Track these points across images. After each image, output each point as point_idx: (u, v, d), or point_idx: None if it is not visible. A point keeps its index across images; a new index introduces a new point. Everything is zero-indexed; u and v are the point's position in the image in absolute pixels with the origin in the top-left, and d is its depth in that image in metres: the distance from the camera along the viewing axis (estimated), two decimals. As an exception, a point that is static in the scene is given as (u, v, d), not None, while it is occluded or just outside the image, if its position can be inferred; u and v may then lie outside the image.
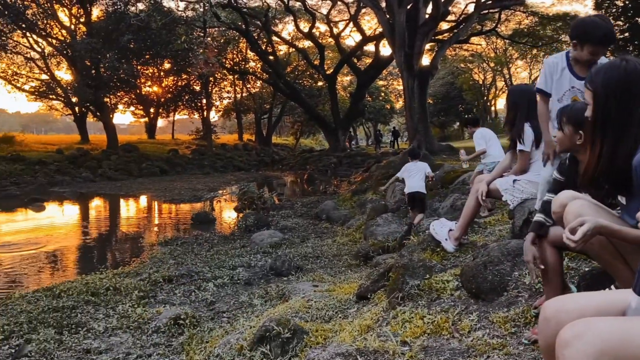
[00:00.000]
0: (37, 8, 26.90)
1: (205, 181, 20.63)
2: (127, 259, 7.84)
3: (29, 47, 31.02)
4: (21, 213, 12.88)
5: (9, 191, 16.49)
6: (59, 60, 31.51)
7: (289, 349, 3.23)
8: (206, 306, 5.20)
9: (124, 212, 14.19)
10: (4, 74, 33.03)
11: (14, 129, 46.38)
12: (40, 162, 20.89)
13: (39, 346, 4.04)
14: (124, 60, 26.20)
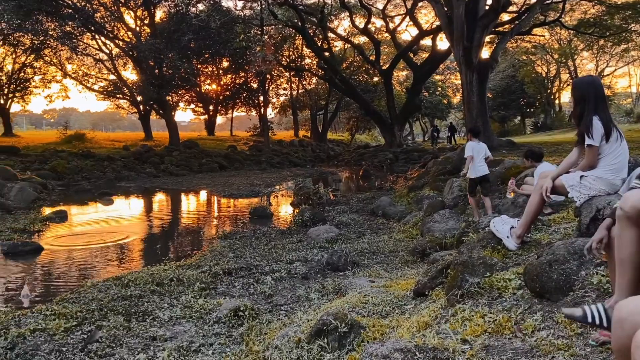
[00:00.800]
0: (104, 11, 28.20)
1: (262, 177, 20.99)
2: (189, 251, 8.10)
3: (98, 49, 32.62)
4: (92, 206, 13.57)
5: (80, 185, 17.42)
6: (125, 61, 32.92)
7: (346, 343, 3.25)
8: (264, 299, 5.31)
9: (185, 206, 14.66)
10: (75, 74, 34.94)
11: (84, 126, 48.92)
12: (109, 158, 21.91)
13: (109, 332, 4.26)
14: (184, 60, 27.02)
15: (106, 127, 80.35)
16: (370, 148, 34.89)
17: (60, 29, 27.94)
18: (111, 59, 32.90)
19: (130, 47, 26.90)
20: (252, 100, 39.65)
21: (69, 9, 25.55)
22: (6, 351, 3.81)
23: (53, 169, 18.52)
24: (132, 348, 3.98)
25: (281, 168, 26.45)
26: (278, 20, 29.67)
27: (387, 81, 31.64)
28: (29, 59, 33.30)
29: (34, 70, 34.74)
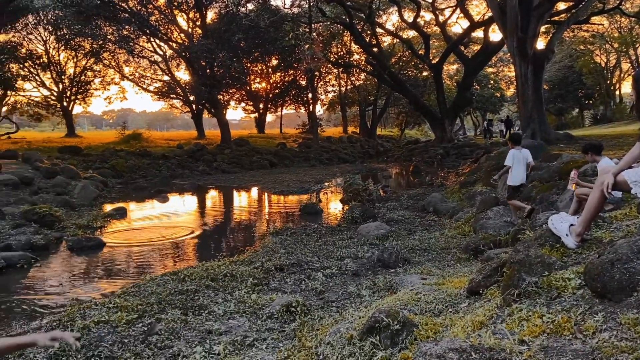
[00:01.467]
0: (159, 15, 29.11)
1: (311, 173, 21.11)
2: (241, 247, 8.27)
3: (153, 51, 33.74)
4: (149, 203, 14.07)
5: (138, 183, 18.10)
6: (179, 62, 33.90)
7: (398, 341, 3.23)
8: (316, 295, 5.35)
9: (237, 203, 14.95)
10: (132, 76, 36.29)
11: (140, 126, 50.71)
12: (164, 156, 22.64)
13: (167, 325, 4.41)
14: (235, 59, 27.53)
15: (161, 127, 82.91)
16: (420, 143, 34.42)
17: (118, 33, 29.07)
18: (165, 60, 33.96)
19: (183, 49, 27.64)
20: (301, 98, 39.94)
21: (126, 13, 26.53)
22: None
23: (113, 167, 19.32)
24: (189, 341, 4.11)
25: (330, 165, 26.51)
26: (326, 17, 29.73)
27: (437, 75, 31.08)
28: (89, 62, 34.85)
29: (94, 73, 36.34)
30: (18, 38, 31.20)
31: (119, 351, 3.91)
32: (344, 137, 37.76)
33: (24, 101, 34.81)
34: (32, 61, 32.57)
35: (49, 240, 8.58)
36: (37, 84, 34.38)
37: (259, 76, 38.70)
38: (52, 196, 12.70)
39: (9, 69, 29.72)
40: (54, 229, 9.49)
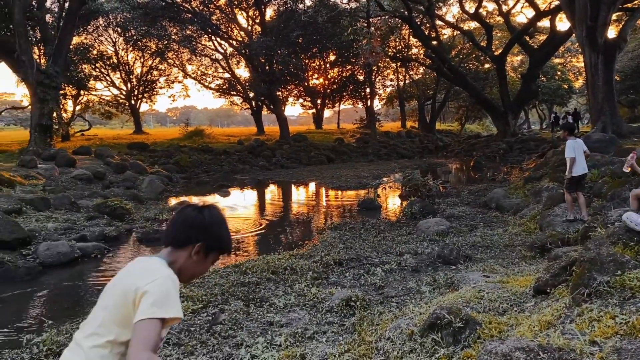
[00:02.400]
0: (220, 14, 29.86)
1: (369, 169, 21.04)
2: (300, 241, 8.38)
3: (214, 49, 34.67)
4: (211, 198, 14.48)
5: (200, 178, 18.68)
6: (239, 60, 34.63)
7: (460, 339, 3.19)
8: (375, 290, 5.34)
9: (296, 197, 15.13)
10: (194, 74, 37.44)
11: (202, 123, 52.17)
12: (225, 152, 23.23)
13: (230, 316, 4.55)
14: (293, 55, 27.82)
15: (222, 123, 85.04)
16: (482, 138, 33.48)
17: (181, 33, 30.08)
18: (226, 58, 34.80)
19: (243, 46, 28.22)
20: (358, 93, 39.81)
21: (189, 13, 27.38)
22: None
23: (177, 162, 20.02)
24: (251, 331, 4.22)
25: (388, 160, 26.30)
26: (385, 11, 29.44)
27: (500, 67, 30.09)
28: (155, 62, 36.24)
29: (159, 72, 37.78)
30: (90, 40, 32.90)
31: (185, 338, 4.08)
32: (402, 131, 37.33)
33: (96, 100, 36.67)
34: (103, 62, 34.25)
35: (119, 231, 9.03)
36: (108, 84, 36.14)
37: (317, 72, 38.91)
38: (122, 190, 13.35)
39: (82, 69, 31.39)
40: (124, 221, 9.97)
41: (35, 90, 17.50)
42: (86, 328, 1.63)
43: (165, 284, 1.58)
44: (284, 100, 36.97)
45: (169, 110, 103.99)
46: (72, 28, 20.06)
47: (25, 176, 12.44)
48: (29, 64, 17.39)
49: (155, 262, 1.68)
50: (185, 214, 1.77)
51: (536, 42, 33.31)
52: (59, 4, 25.28)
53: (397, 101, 44.83)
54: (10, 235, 7.20)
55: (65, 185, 12.80)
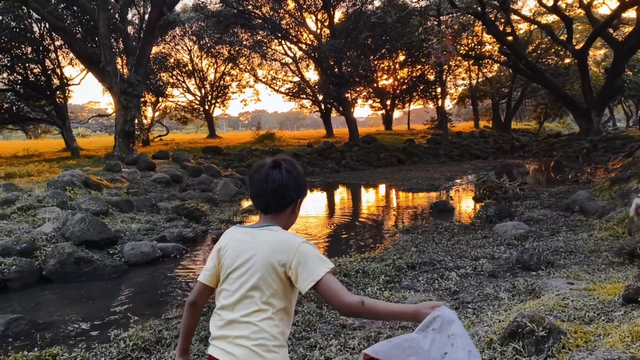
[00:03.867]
0: (289, 18, 30.38)
1: (441, 170, 20.59)
2: (372, 244, 8.32)
3: (284, 53, 35.33)
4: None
5: (272, 181, 19.04)
6: (308, 63, 35.09)
7: (544, 349, 3.05)
8: (449, 295, 5.20)
9: (366, 200, 15.07)
10: (265, 78, 38.32)
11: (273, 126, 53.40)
12: (295, 155, 23.49)
13: (303, 317, 4.58)
14: (362, 57, 27.78)
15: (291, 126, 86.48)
16: (562, 137, 31.80)
17: (252, 39, 30.89)
18: (295, 61, 35.35)
19: (312, 49, 28.53)
20: (429, 93, 39.10)
21: (259, 19, 28.08)
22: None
23: (249, 166, 20.53)
24: (325, 334, 4.23)
25: (461, 161, 25.62)
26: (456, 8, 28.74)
27: (582, 62, 28.47)
28: (227, 67, 37.46)
29: (231, 77, 39.03)
30: (167, 49, 34.59)
31: (259, 339, 4.13)
32: (475, 131, 36.24)
33: (173, 106, 38.45)
34: (179, 69, 35.87)
35: (196, 233, 9.37)
36: (183, 90, 37.80)
37: (386, 73, 38.61)
38: (197, 192, 13.87)
39: (160, 77, 33.02)
40: (201, 222, 10.34)
41: (119, 99, 18.57)
42: (242, 308, 1.75)
43: (306, 244, 1.76)
44: (353, 102, 36.97)
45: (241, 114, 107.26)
46: (151, 39, 21.13)
47: (111, 180, 13.22)
48: (113, 74, 18.48)
49: (276, 231, 1.81)
50: (275, 179, 1.83)
51: (621, 34, 31.26)
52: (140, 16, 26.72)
53: (470, 100, 43.59)
54: (99, 235, 7.67)
55: (146, 188, 13.48)
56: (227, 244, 1.85)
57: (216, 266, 1.87)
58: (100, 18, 18.24)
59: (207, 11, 28.06)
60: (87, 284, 6.67)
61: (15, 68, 23.45)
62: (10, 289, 6.43)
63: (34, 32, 23.27)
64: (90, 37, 22.62)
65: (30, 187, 10.80)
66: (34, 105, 24.56)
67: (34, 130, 42.00)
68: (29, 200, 9.22)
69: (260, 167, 1.88)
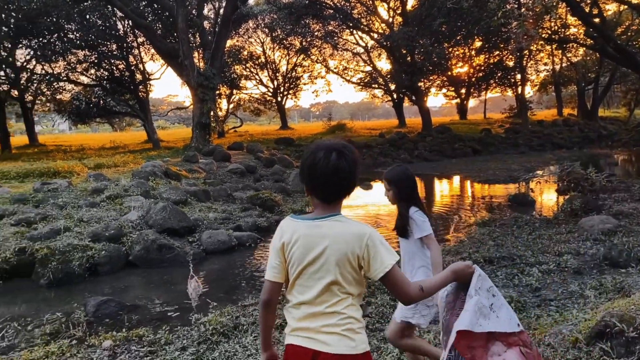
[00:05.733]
0: (361, 7, 30.14)
1: (520, 161, 19.73)
2: (446, 236, 8.12)
3: (355, 43, 35.14)
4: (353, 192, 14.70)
5: (343, 171, 19.01)
6: (380, 52, 34.71)
7: (634, 350, 2.89)
8: (531, 292, 4.98)
9: (439, 191, 14.74)
10: (336, 69, 38.33)
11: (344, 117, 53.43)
12: (366, 145, 23.41)
13: (377, 309, 4.56)
14: (436, 44, 27.04)
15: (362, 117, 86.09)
16: (656, 125, 29.49)
17: (324, 29, 30.94)
18: (367, 51, 35.07)
19: (384, 38, 28.15)
20: (507, 80, 37.46)
21: (331, 9, 28.06)
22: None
23: (321, 156, 20.68)
24: (398, 326, 4.17)
25: (542, 151, 24.42)
26: (538, -11, 27.26)
27: (680, 43, 26.21)
28: (299, 59, 37.82)
29: (303, 69, 39.36)
30: (241, 42, 35.39)
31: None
32: (558, 120, 34.40)
33: (246, 98, 39.40)
34: (252, 62, 36.63)
35: (270, 222, 9.57)
36: (257, 82, 38.61)
37: (461, 60, 37.38)
38: (271, 183, 14.15)
39: (234, 70, 33.90)
40: (274, 212, 10.54)
41: (196, 92, 19.25)
42: (324, 301, 1.81)
43: (375, 233, 1.83)
44: (426, 91, 36.17)
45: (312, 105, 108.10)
46: (226, 32, 21.70)
47: (189, 170, 13.77)
48: (191, 67, 19.19)
49: (343, 221, 1.85)
50: (344, 170, 1.82)
51: None
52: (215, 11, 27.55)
53: (552, 87, 41.35)
54: (179, 224, 8.02)
55: (222, 178, 13.92)
56: (292, 239, 1.84)
57: (282, 262, 1.88)
58: (178, 14, 18.96)
59: (279, 3, 28.43)
60: (169, 270, 7.00)
61: (102, 64, 25.00)
62: (100, 273, 6.87)
63: (118, 29, 24.62)
64: (169, 33, 23.62)
65: (117, 177, 11.46)
66: (119, 100, 26.06)
67: (119, 123, 44.57)
68: (116, 190, 9.79)
69: (321, 156, 1.82)
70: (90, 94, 27.05)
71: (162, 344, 4.19)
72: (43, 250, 6.67)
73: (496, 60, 36.04)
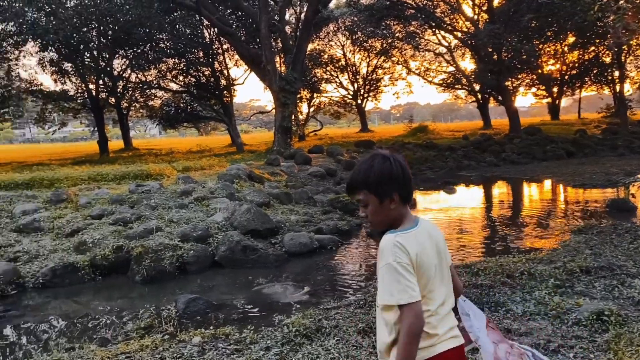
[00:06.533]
0: (444, 5, 29.42)
1: (619, 164, 18.29)
2: (537, 244, 7.71)
3: (437, 43, 34.36)
4: (436, 195, 14.35)
5: (425, 175, 18.62)
6: (464, 52, 33.69)
7: None
8: (633, 305, 4.58)
9: (529, 196, 14.03)
10: (417, 70, 37.70)
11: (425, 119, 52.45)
12: (449, 148, 22.76)
13: (463, 318, 4.37)
14: (524, 41, 25.81)
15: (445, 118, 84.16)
16: None
17: (405, 30, 30.53)
18: (450, 51, 34.18)
19: (469, 37, 27.29)
20: (604, 77, 35.02)
21: (412, 9, 27.62)
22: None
23: (402, 159, 20.36)
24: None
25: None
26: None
27: None
28: (380, 61, 37.60)
29: (383, 71, 39.09)
30: (321, 45, 35.78)
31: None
32: (663, 119, 31.64)
33: (326, 101, 39.73)
34: (333, 65, 36.89)
35: (351, 226, 9.55)
36: (337, 85, 38.83)
37: (552, 57, 35.46)
38: (352, 186, 14.09)
39: (315, 74, 34.31)
40: (355, 216, 10.49)
41: (278, 96, 19.68)
42: (450, 301, 1.90)
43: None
44: (513, 91, 34.64)
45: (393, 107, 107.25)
46: (307, 36, 22.02)
47: (271, 173, 14.06)
48: (273, 72, 19.64)
49: (429, 221, 1.94)
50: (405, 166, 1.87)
51: None
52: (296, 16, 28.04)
53: (655, 84, 38.11)
54: (262, 226, 8.20)
55: (303, 181, 14.09)
56: (416, 251, 1.76)
57: (417, 278, 1.76)
58: (261, 20, 19.49)
59: (359, 5, 28.39)
60: (253, 270, 7.16)
61: (189, 71, 26.29)
62: (188, 272, 7.17)
63: (204, 37, 25.76)
64: (252, 39, 24.36)
65: (204, 180, 11.92)
66: (205, 105, 27.26)
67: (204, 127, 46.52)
68: (203, 192, 10.19)
69: (390, 161, 1.83)
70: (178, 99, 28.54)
71: (247, 343, 4.27)
72: (138, 248, 7.07)
73: (591, 56, 33.83)
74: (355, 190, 1.87)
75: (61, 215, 9.00)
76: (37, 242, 7.92)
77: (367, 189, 1.81)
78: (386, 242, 1.76)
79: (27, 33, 20.64)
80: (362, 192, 1.84)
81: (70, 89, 27.13)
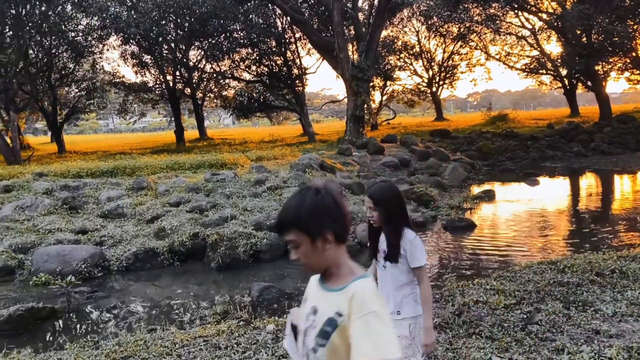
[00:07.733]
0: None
1: None
2: (630, 241, 7.14)
3: (520, 26, 32.61)
4: (517, 187, 13.64)
5: (505, 166, 17.71)
6: (549, 34, 31.76)
7: None
8: None
9: (620, 189, 13.03)
10: (497, 55, 36.05)
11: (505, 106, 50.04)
12: (532, 137, 21.57)
13: (548, 317, 4.10)
14: (617, 22, 23.93)
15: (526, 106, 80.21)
16: None
17: (485, 13, 29.24)
18: (534, 34, 32.33)
19: (555, 18, 25.67)
20: None
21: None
22: (454, 317, 4.17)
23: (479, 149, 19.57)
24: (573, 337, 3.73)
25: None
26: None
27: None
28: (456, 46, 36.32)
29: (460, 57, 37.74)
30: (395, 32, 35.04)
31: (498, 333, 3.85)
32: None
33: (400, 89, 38.98)
34: (407, 52, 36.07)
35: (425, 218, 9.29)
36: (411, 73, 37.98)
37: (648, 39, 32.65)
38: (425, 177, 13.74)
39: (388, 61, 33.70)
40: (429, 207, 10.20)
41: (350, 84, 19.48)
42: None
43: None
44: (604, 76, 32.27)
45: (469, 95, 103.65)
46: (381, 23, 21.59)
47: (343, 163, 13.96)
48: (345, 60, 19.46)
49: None
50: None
51: None
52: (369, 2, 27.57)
53: None
54: (334, 215, 8.11)
55: (376, 171, 13.89)
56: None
57: None
58: (334, 7, 19.33)
59: (436, -11, 27.54)
60: (324, 261, 7.10)
61: (262, 61, 26.66)
62: (261, 260, 7.26)
63: (277, 27, 25.98)
64: (324, 27, 24.27)
65: (276, 169, 12.04)
66: (277, 94, 27.57)
67: (276, 117, 47.21)
68: (276, 181, 10.27)
69: (322, 191, 1.52)
70: (251, 89, 29.07)
71: (318, 334, 4.22)
72: (213, 236, 7.23)
73: (694, 36, 30.79)
74: (285, 230, 1.53)
75: (142, 202, 9.40)
76: (120, 228, 8.31)
77: (297, 227, 1.50)
78: (366, 288, 1.47)
79: (110, 27, 21.77)
80: (293, 231, 1.50)
81: (149, 81, 28.49)
